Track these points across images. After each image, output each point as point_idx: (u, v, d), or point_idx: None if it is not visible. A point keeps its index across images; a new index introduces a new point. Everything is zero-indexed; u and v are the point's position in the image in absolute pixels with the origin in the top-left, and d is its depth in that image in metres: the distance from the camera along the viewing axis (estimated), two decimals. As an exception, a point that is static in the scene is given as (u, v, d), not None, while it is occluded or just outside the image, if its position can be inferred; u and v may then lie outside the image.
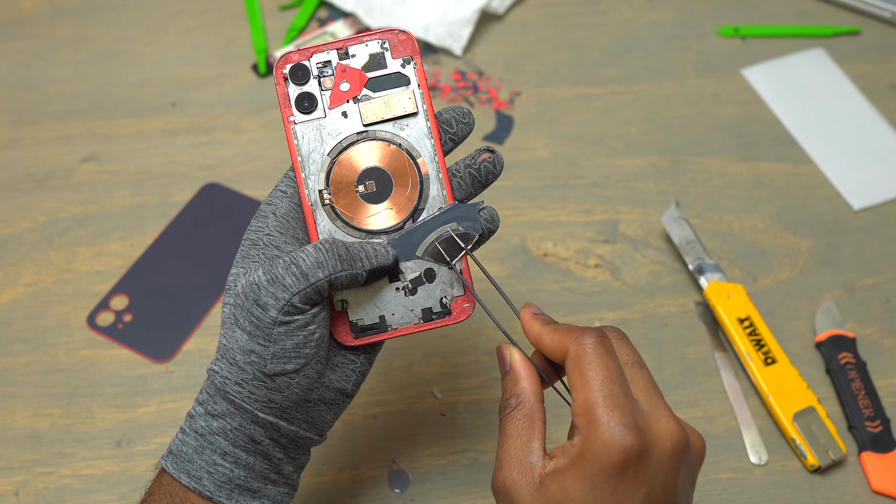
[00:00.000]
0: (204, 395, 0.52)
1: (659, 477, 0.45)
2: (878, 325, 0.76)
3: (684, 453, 0.47)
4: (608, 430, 0.45)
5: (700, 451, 0.48)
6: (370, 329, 0.54)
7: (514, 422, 0.49)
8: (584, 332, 0.48)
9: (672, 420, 0.46)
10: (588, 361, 0.47)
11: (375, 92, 0.55)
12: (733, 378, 0.73)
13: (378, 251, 0.52)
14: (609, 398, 0.45)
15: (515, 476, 0.47)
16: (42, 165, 0.85)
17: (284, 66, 0.54)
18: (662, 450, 0.46)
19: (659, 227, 0.81)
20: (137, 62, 0.93)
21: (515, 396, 0.50)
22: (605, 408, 0.45)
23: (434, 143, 0.54)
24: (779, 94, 0.91)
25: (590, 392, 0.46)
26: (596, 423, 0.45)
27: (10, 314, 0.76)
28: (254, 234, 0.53)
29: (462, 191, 0.55)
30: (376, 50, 0.55)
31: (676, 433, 0.46)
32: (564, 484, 0.46)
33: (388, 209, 0.54)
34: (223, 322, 0.52)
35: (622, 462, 0.44)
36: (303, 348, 0.50)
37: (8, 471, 0.68)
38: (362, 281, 0.52)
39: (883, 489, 0.68)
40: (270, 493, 0.53)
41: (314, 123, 0.54)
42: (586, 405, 0.46)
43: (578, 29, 0.97)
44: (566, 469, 0.46)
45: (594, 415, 0.45)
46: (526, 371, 0.51)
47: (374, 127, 0.55)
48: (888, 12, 0.96)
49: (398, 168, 0.54)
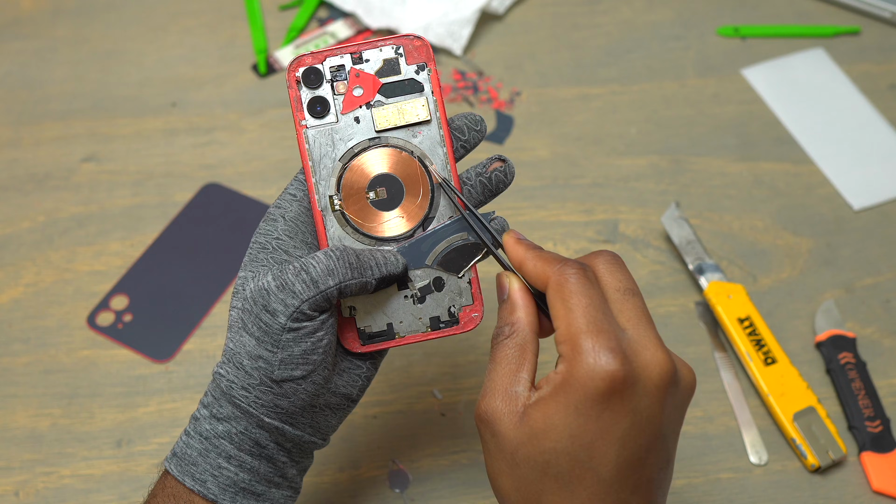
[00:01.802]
0: (209, 398, 0.52)
1: (644, 405, 0.44)
2: (878, 325, 0.76)
3: (672, 384, 0.45)
4: (592, 355, 0.44)
5: (690, 384, 0.47)
6: (378, 336, 0.54)
7: (506, 350, 0.48)
8: (566, 262, 0.47)
9: (661, 349, 0.45)
10: (570, 290, 0.46)
11: (388, 98, 0.54)
12: (733, 378, 0.73)
13: (388, 259, 0.52)
14: (593, 324, 0.44)
15: (499, 404, 0.46)
16: (42, 165, 0.85)
17: (297, 70, 0.54)
18: (649, 378, 0.45)
19: (659, 227, 0.81)
20: (137, 62, 0.93)
21: (510, 325, 0.48)
22: (589, 334, 0.44)
23: (446, 151, 0.54)
24: (779, 94, 0.91)
25: (573, 318, 0.45)
26: (579, 349, 0.44)
27: (10, 314, 0.76)
28: (262, 238, 0.52)
29: (472, 199, 0.55)
30: (390, 55, 0.54)
31: (664, 362, 0.45)
32: (548, 412, 0.45)
33: (398, 217, 0.54)
34: (230, 325, 0.51)
35: (607, 389, 0.43)
36: (310, 355, 0.50)
37: (8, 471, 0.68)
38: (371, 289, 0.52)
39: (883, 489, 0.68)
40: (274, 496, 0.53)
41: (326, 128, 0.54)
42: (569, 332, 0.45)
43: (578, 29, 0.97)
44: (549, 397, 0.45)
45: (577, 341, 0.44)
46: (524, 301, 0.49)
47: (386, 133, 0.54)
48: (888, 12, 0.96)
49: (410, 176, 0.54)
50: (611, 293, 0.47)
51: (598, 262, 0.48)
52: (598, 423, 0.44)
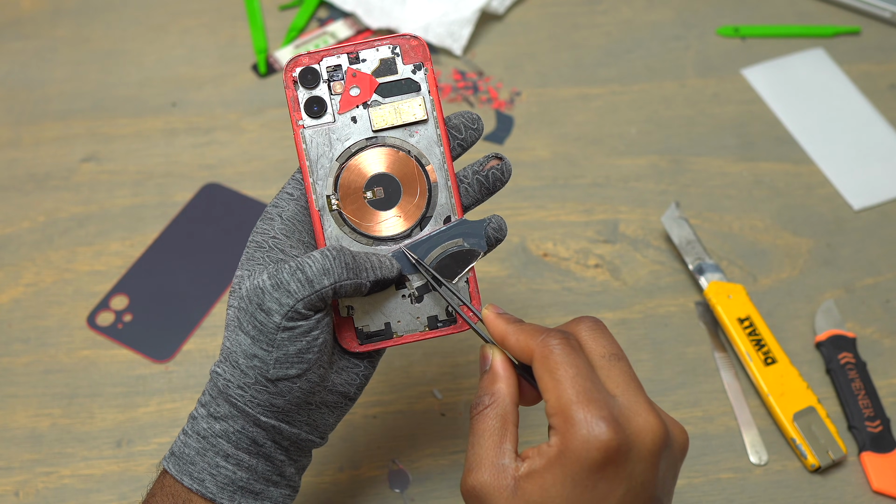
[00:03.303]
0: (206, 397, 0.52)
1: (639, 472, 0.45)
2: (878, 325, 0.76)
3: (665, 447, 0.45)
4: (586, 425, 0.44)
5: (682, 444, 0.47)
6: (375, 336, 0.54)
7: (487, 421, 0.48)
8: (549, 333, 0.47)
9: (652, 413, 0.45)
10: (556, 361, 0.46)
11: (385, 97, 0.54)
12: (733, 378, 0.73)
13: (383, 263, 0.52)
14: (583, 394, 0.44)
15: (487, 478, 0.46)
16: (42, 165, 0.85)
17: (294, 70, 0.54)
18: (643, 444, 0.45)
19: (659, 227, 0.81)
20: (137, 62, 0.93)
21: (490, 395, 0.48)
22: (580, 404, 0.44)
23: (443, 150, 0.54)
24: (779, 94, 0.91)
25: (562, 390, 0.45)
26: (572, 420, 0.44)
27: (10, 314, 0.76)
28: (259, 237, 0.52)
29: (469, 197, 0.55)
30: (387, 55, 0.54)
31: (657, 427, 0.45)
32: (544, 485, 0.45)
33: (395, 216, 0.54)
34: (227, 324, 0.51)
35: (602, 459, 0.44)
36: (305, 353, 0.50)
37: (8, 471, 0.68)
38: (365, 291, 0.52)
39: (883, 489, 0.68)
40: (272, 494, 0.53)
41: (323, 128, 0.54)
42: (559, 403, 0.45)
43: (578, 29, 0.97)
44: (544, 469, 0.45)
45: (569, 412, 0.44)
46: (505, 373, 0.49)
47: (383, 133, 0.54)
48: (888, 12, 0.96)
49: (407, 175, 0.54)
50: (597, 360, 0.47)
51: (580, 329, 0.48)
52: (594, 493, 0.44)
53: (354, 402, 0.55)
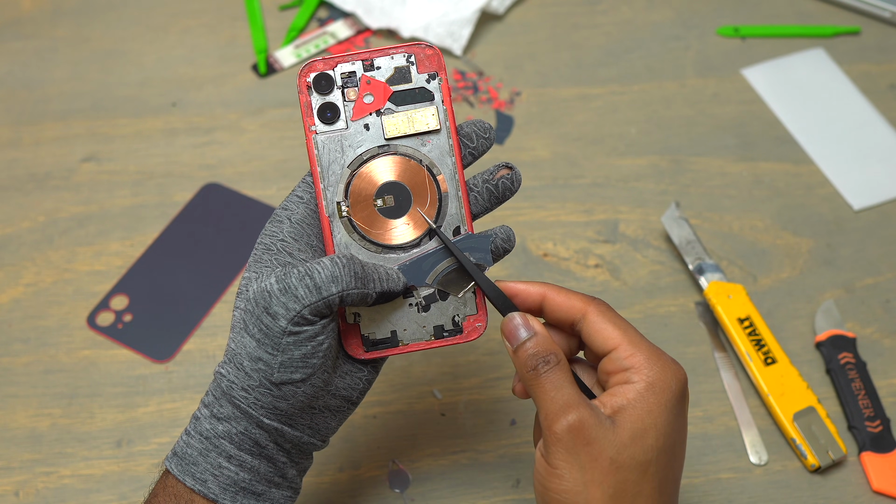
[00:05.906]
0: (210, 398, 0.52)
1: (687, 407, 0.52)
2: (878, 325, 0.76)
3: None
4: (670, 362, 0.50)
5: None
6: (381, 343, 0.54)
7: (561, 373, 0.50)
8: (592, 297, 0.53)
9: None
10: (615, 314, 0.52)
11: (399, 106, 0.54)
12: (733, 378, 0.73)
13: (390, 275, 0.53)
14: (647, 339, 0.51)
15: (586, 414, 0.48)
16: (42, 165, 0.85)
17: (308, 75, 0.54)
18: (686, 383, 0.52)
19: (659, 227, 0.81)
20: (137, 62, 0.93)
21: (555, 354, 0.51)
22: (653, 346, 0.51)
23: (455, 160, 0.54)
24: (779, 94, 0.91)
25: (632, 334, 0.51)
26: (655, 357, 0.50)
27: (10, 314, 0.76)
28: (268, 239, 0.53)
29: (478, 205, 0.55)
30: (402, 63, 0.54)
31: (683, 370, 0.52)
32: (642, 414, 0.49)
33: (406, 224, 0.54)
34: (233, 325, 0.51)
35: (683, 390, 0.50)
36: (310, 358, 0.50)
37: (8, 471, 0.68)
38: (371, 301, 0.52)
39: (883, 489, 0.68)
40: (274, 496, 0.53)
41: (336, 134, 0.54)
42: (635, 345, 0.50)
43: (578, 29, 0.97)
44: (636, 401, 0.49)
45: (649, 351, 0.50)
46: (551, 332, 0.53)
47: (395, 141, 0.54)
48: (888, 12, 0.96)
49: (418, 184, 0.54)
50: None
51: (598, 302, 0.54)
52: (680, 421, 0.50)
53: (357, 406, 0.55)
